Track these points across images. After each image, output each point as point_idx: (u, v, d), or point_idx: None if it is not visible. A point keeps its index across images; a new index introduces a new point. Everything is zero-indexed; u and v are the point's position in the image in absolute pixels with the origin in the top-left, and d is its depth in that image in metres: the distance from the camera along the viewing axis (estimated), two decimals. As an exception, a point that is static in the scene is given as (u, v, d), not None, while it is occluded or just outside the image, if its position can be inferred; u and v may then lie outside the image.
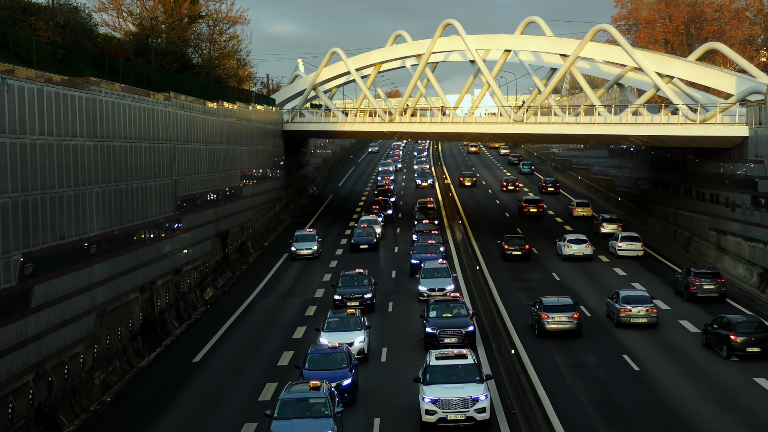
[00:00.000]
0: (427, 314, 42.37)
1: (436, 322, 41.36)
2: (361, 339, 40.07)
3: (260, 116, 76.34)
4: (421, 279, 52.49)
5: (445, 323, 41.30)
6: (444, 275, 52.49)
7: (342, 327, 40.60)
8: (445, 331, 40.71)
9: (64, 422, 33.16)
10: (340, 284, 50.73)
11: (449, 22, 72.80)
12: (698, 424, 31.27)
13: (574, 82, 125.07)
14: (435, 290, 50.87)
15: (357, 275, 51.58)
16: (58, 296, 33.70)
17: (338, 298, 49.44)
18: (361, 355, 39.57)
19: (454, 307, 42.73)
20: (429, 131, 78.93)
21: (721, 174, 61.24)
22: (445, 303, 43.08)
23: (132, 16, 79.05)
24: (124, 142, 41.51)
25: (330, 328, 40.62)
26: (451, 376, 31.80)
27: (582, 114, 69.59)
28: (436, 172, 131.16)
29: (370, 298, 49.80)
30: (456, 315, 42.17)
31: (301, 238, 68.33)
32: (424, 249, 61.48)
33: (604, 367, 38.47)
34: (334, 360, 34.98)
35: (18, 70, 31.13)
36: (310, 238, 68.25)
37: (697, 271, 51.28)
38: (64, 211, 34.39)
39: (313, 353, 35.44)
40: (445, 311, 42.35)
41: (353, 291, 49.76)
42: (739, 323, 39.47)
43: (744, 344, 38.67)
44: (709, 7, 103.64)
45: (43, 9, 48.06)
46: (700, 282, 50.40)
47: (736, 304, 49.83)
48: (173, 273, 49.36)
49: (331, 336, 39.54)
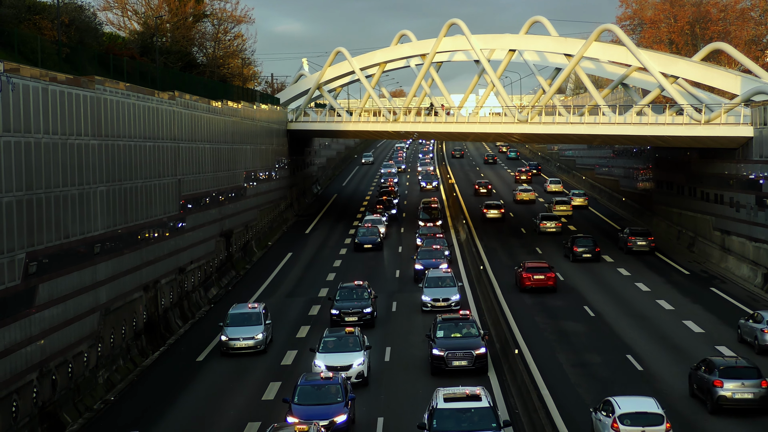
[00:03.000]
0: (433, 334, 38.46)
1: (444, 343, 37.51)
2: (361, 361, 36.27)
3: (264, 115, 76.36)
4: (425, 288, 49.83)
5: (453, 344, 37.47)
6: (449, 284, 49.89)
7: (339, 347, 36.90)
8: (453, 354, 36.97)
9: (68, 421, 33.20)
10: (337, 297, 46.78)
11: (454, 22, 72.76)
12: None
13: (579, 82, 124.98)
14: (439, 300, 48.58)
15: (356, 287, 47.59)
16: (62, 295, 33.74)
17: (335, 313, 45.77)
18: (360, 378, 36.00)
19: (464, 326, 38.90)
20: (433, 131, 78.90)
21: (726, 174, 61.15)
22: (454, 322, 39.16)
23: (137, 15, 79.16)
24: (129, 141, 41.54)
25: (326, 349, 37.07)
26: (463, 422, 27.45)
27: (586, 114, 69.48)
28: (440, 171, 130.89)
29: (370, 313, 46.13)
30: (466, 335, 38.34)
31: (237, 320, 42.68)
32: (428, 254, 59.39)
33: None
34: (328, 393, 31.08)
35: (23, 69, 31.16)
36: (254, 319, 42.86)
37: (632, 229, 67.40)
38: (69, 209, 34.41)
39: (303, 385, 31.43)
40: (454, 331, 38.54)
41: (352, 305, 46.06)
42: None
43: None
44: (714, 7, 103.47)
45: (48, 8, 48.11)
46: (635, 239, 65.85)
47: (740, 304, 49.74)
48: (177, 272, 49.38)
49: (327, 358, 36.31)
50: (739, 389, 31.46)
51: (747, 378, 31.71)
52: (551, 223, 76.76)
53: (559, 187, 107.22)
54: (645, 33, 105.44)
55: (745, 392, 31.45)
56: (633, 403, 28.64)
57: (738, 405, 31.57)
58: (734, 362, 32.92)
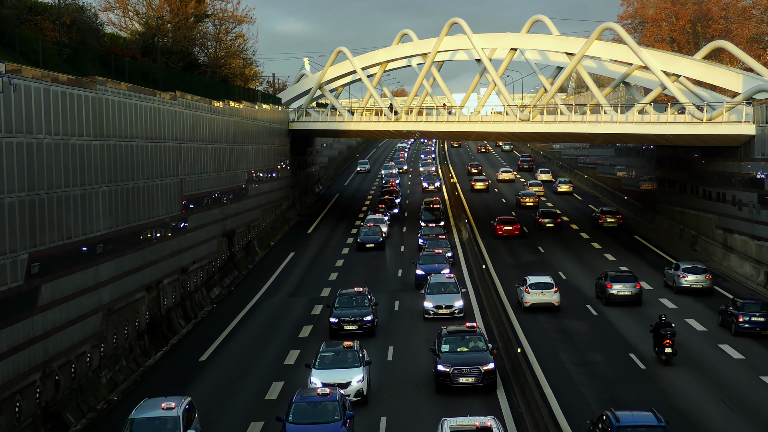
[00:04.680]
0: (438, 348, 35.94)
1: (450, 359, 35.03)
2: (360, 378, 33.90)
3: (266, 115, 76.37)
4: (427, 295, 47.73)
5: (460, 359, 34.97)
6: (452, 290, 47.92)
7: (337, 363, 34.50)
8: (460, 370, 34.53)
9: (71, 421, 33.21)
10: (336, 304, 44.78)
11: (455, 21, 72.76)
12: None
13: (581, 80, 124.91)
14: (442, 307, 46.72)
15: (356, 294, 45.52)
16: (64, 295, 33.75)
17: (334, 321, 43.72)
18: (359, 397, 33.64)
19: (471, 339, 36.34)
20: (435, 130, 78.91)
21: (728, 172, 61.13)
22: (460, 335, 36.57)
23: (138, 16, 79.13)
24: (131, 141, 41.55)
25: (323, 365, 34.56)
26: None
27: (588, 113, 69.49)
28: (443, 171, 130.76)
29: (370, 321, 43.94)
30: (473, 349, 35.84)
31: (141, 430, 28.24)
32: (430, 259, 56.63)
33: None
34: (324, 410, 28.97)
35: (24, 70, 31.18)
36: (170, 426, 28.23)
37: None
38: (71, 210, 34.43)
39: (298, 402, 29.38)
40: (460, 345, 36.02)
41: (351, 312, 43.99)
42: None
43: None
44: (715, 6, 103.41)
45: (49, 8, 48.12)
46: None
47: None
48: (180, 272, 49.40)
49: (323, 374, 33.91)
50: (621, 289, 49.71)
51: (627, 282, 49.92)
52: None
53: (549, 177, 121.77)
54: (646, 31, 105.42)
55: (626, 291, 49.65)
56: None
57: (621, 299, 49.73)
58: (620, 271, 52.81)
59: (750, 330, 42.42)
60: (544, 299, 48.49)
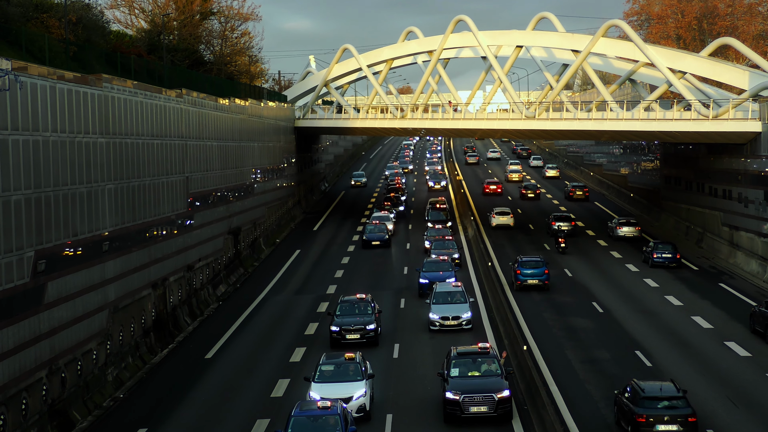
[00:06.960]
0: (447, 372, 32.73)
1: (460, 385, 31.77)
2: (362, 392, 31.91)
3: (272, 113, 76.41)
4: (432, 305, 44.72)
5: (471, 386, 31.65)
6: (459, 300, 44.87)
7: (338, 376, 32.57)
8: (471, 398, 31.15)
9: (78, 418, 33.28)
10: (338, 312, 42.52)
11: (461, 18, 72.74)
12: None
13: (586, 77, 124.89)
14: (449, 318, 43.84)
15: (358, 301, 43.23)
16: (71, 293, 33.81)
17: (335, 330, 41.44)
18: (361, 413, 31.63)
19: (483, 362, 33.01)
20: (441, 127, 78.89)
21: (734, 170, 61.04)
22: (471, 358, 33.20)
23: (144, 13, 79.22)
24: (137, 139, 41.60)
25: (323, 378, 32.60)
26: None
27: (594, 110, 69.41)
28: (448, 169, 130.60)
29: (373, 330, 41.57)
30: (485, 373, 32.58)
31: None
32: (434, 266, 53.02)
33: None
34: (325, 425, 27.32)
35: (31, 68, 31.23)
36: None
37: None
38: (77, 207, 34.49)
39: (297, 416, 27.64)
40: (471, 368, 32.79)
41: (354, 321, 41.68)
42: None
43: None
44: (721, 3, 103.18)
45: (55, 6, 48.15)
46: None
47: (749, 300, 49.61)
48: (185, 269, 49.46)
49: (323, 388, 31.92)
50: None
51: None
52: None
53: (540, 163, 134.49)
54: (652, 28, 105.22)
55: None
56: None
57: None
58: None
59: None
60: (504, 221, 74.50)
